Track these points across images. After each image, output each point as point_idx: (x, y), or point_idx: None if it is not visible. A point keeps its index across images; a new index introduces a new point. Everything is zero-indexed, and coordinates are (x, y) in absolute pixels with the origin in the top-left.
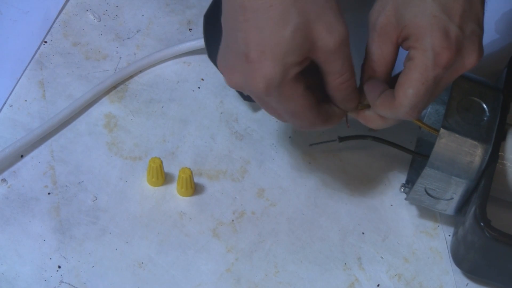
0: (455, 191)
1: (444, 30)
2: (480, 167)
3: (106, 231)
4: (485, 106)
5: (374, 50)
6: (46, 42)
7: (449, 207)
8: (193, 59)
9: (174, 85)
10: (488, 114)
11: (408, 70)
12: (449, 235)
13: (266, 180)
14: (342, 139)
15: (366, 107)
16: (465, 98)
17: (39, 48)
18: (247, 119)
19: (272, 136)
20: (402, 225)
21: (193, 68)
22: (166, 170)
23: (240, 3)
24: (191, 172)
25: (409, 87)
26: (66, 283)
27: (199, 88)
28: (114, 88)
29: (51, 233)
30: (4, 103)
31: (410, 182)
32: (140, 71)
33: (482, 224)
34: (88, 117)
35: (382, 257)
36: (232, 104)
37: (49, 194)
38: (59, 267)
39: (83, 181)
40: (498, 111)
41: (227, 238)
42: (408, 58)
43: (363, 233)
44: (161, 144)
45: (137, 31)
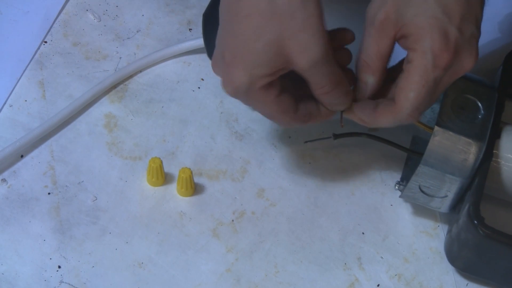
0: (449, 189)
1: (443, 32)
2: (474, 165)
3: (106, 231)
4: (479, 104)
5: (370, 45)
6: (46, 42)
7: (443, 205)
8: (193, 59)
9: (174, 85)
10: (482, 112)
11: (408, 73)
12: None
13: (266, 180)
14: (337, 136)
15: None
16: (460, 96)
17: (39, 48)
18: (247, 119)
19: (272, 136)
20: (402, 225)
21: (193, 68)
22: (166, 170)
23: (228, 3)
24: (191, 172)
25: (410, 90)
26: (66, 283)
27: (199, 88)
28: (114, 88)
29: (51, 233)
30: (4, 103)
31: (405, 179)
32: (140, 71)
33: (476, 222)
34: (88, 117)
35: (382, 257)
36: (232, 104)
37: (49, 194)
38: (59, 267)
39: (83, 181)
40: (492, 109)
41: (227, 238)
42: (407, 61)
43: (363, 233)
44: (161, 144)
45: (137, 31)
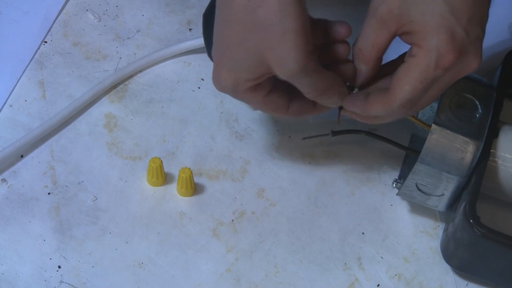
0: (446, 187)
1: (450, 32)
2: (471, 164)
3: (106, 231)
4: (478, 103)
5: (369, 35)
6: (46, 42)
7: (440, 203)
8: (193, 59)
9: (174, 85)
10: (480, 111)
11: (409, 66)
12: None
13: (266, 180)
14: (335, 133)
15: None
16: (458, 95)
17: (39, 48)
18: (247, 119)
19: (272, 136)
20: (402, 225)
21: (193, 68)
22: (166, 170)
23: (218, 5)
24: (191, 172)
25: (406, 84)
26: (66, 283)
27: (199, 88)
28: (114, 88)
29: (51, 233)
30: (4, 103)
31: (403, 177)
32: (140, 71)
33: (472, 221)
34: (88, 117)
35: (382, 257)
36: (232, 104)
37: (49, 194)
38: (59, 267)
39: (83, 181)
40: (490, 108)
41: (227, 238)
42: (409, 55)
43: (363, 233)
44: (161, 144)
45: (137, 31)
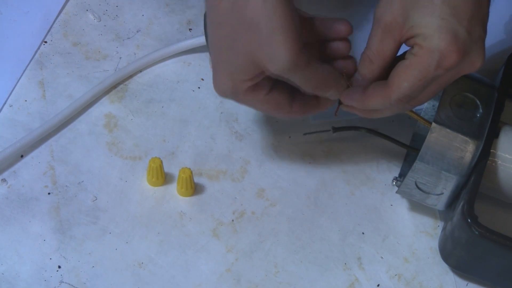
0: (445, 186)
1: (453, 33)
2: (470, 163)
3: (106, 231)
4: (479, 103)
5: (375, 44)
6: (46, 42)
7: (439, 202)
8: (193, 59)
9: (174, 85)
10: (481, 111)
11: (409, 64)
12: None
13: (266, 180)
14: (336, 129)
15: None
16: (459, 94)
17: (39, 48)
18: (247, 119)
19: (272, 136)
20: (402, 225)
21: (193, 68)
22: (166, 170)
23: (207, 6)
24: (191, 172)
25: (405, 80)
26: (66, 283)
27: (199, 88)
28: (114, 88)
29: (51, 233)
30: (4, 103)
31: (403, 175)
32: (140, 71)
33: (469, 220)
34: (88, 117)
35: (382, 257)
36: (232, 104)
37: (49, 194)
38: (59, 267)
39: (83, 181)
40: (491, 108)
41: (227, 238)
42: (410, 53)
43: (363, 233)
44: (161, 144)
45: (137, 31)
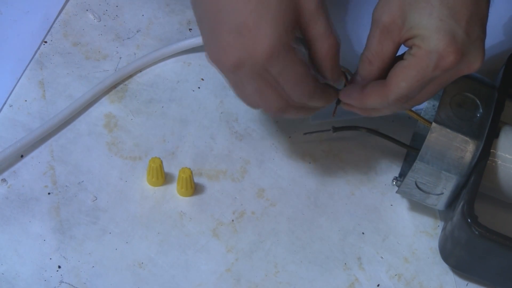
0: (445, 186)
1: (451, 34)
2: (470, 163)
3: (106, 231)
4: (479, 103)
5: (374, 45)
6: (46, 42)
7: (439, 202)
8: (193, 59)
9: (174, 85)
10: (481, 111)
11: (408, 64)
12: None
13: (266, 180)
14: (336, 129)
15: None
16: (459, 94)
17: (39, 48)
18: (247, 119)
19: (272, 136)
20: (402, 225)
21: (193, 68)
22: (166, 170)
23: None
24: (191, 172)
25: (403, 80)
26: (66, 283)
27: (199, 88)
28: (114, 88)
29: (51, 233)
30: (4, 103)
31: (403, 175)
32: (140, 71)
33: (469, 220)
34: (88, 117)
35: (382, 257)
36: (232, 104)
37: (49, 194)
38: (59, 267)
39: (83, 181)
40: (491, 108)
41: (227, 238)
42: (409, 53)
43: (363, 233)
44: (161, 144)
45: (137, 31)
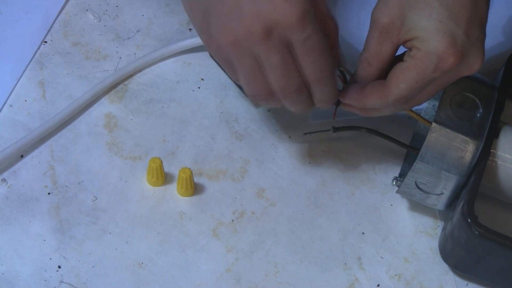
0: (445, 186)
1: (451, 36)
2: (470, 163)
3: (106, 231)
4: (479, 103)
5: (372, 46)
6: (46, 42)
7: (439, 202)
8: (193, 59)
9: (174, 85)
10: (481, 111)
11: (407, 66)
12: None
13: (266, 180)
14: (336, 129)
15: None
16: (459, 94)
17: (39, 48)
18: (247, 119)
19: (272, 136)
20: (402, 225)
21: (193, 68)
22: (166, 170)
23: None
24: (191, 172)
25: (402, 82)
26: (66, 283)
27: (199, 88)
28: (114, 88)
29: (51, 233)
30: (4, 103)
31: (403, 175)
32: (140, 71)
33: (469, 220)
34: (88, 117)
35: (382, 257)
36: (232, 104)
37: (49, 194)
38: (59, 267)
39: (83, 181)
40: (491, 108)
41: (227, 238)
42: (408, 55)
43: (363, 233)
44: (161, 144)
45: (137, 31)
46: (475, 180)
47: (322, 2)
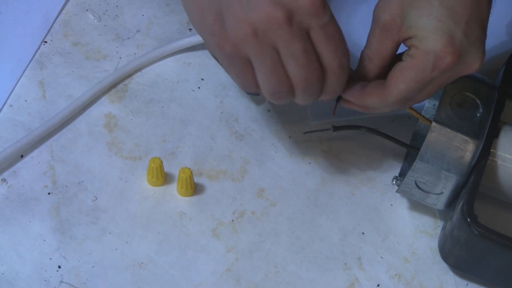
0: (445, 185)
1: (449, 35)
2: (470, 163)
3: (106, 231)
4: (479, 103)
5: (374, 43)
6: (46, 42)
7: (439, 201)
8: (193, 59)
9: (174, 85)
10: (481, 110)
11: (406, 66)
12: None
13: (266, 180)
14: (336, 128)
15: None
16: (459, 94)
17: (39, 48)
18: (247, 119)
19: (272, 136)
20: (402, 225)
21: (193, 68)
22: (166, 170)
23: None
24: (191, 172)
25: (402, 82)
26: (66, 283)
27: (199, 88)
28: (113, 88)
29: (51, 233)
30: (4, 103)
31: (403, 174)
32: (140, 70)
33: (469, 219)
34: (88, 117)
35: (382, 257)
36: (232, 104)
37: (49, 194)
38: (59, 267)
39: (83, 181)
40: (492, 108)
41: (227, 238)
42: (407, 54)
43: (363, 233)
44: (161, 144)
45: (137, 31)
46: (475, 180)
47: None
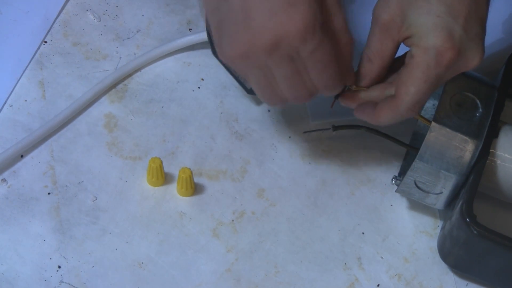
0: (445, 185)
1: (448, 31)
2: (470, 163)
3: (106, 231)
4: (478, 102)
5: (374, 43)
6: (46, 42)
7: (438, 201)
8: (193, 59)
9: (174, 85)
10: (481, 110)
11: (411, 67)
12: None
13: (266, 180)
14: (336, 128)
15: (361, 88)
16: (459, 93)
17: (39, 48)
18: (247, 119)
19: (272, 136)
20: (402, 225)
21: (193, 68)
22: (166, 170)
23: None
24: (191, 172)
25: (411, 85)
26: (66, 283)
27: (199, 88)
28: (113, 88)
29: (51, 233)
30: (4, 103)
31: (402, 174)
32: (140, 70)
33: (468, 219)
34: (88, 117)
35: (382, 257)
36: (232, 104)
37: (49, 194)
38: (59, 267)
39: (83, 181)
40: (491, 108)
41: (227, 238)
42: (410, 56)
43: (363, 233)
44: (161, 144)
45: (137, 31)
46: (474, 180)
47: (338, 14)
